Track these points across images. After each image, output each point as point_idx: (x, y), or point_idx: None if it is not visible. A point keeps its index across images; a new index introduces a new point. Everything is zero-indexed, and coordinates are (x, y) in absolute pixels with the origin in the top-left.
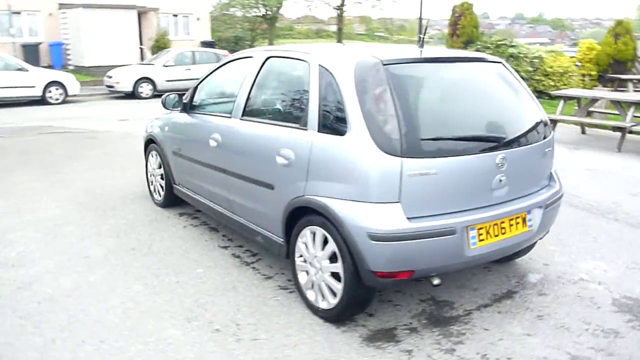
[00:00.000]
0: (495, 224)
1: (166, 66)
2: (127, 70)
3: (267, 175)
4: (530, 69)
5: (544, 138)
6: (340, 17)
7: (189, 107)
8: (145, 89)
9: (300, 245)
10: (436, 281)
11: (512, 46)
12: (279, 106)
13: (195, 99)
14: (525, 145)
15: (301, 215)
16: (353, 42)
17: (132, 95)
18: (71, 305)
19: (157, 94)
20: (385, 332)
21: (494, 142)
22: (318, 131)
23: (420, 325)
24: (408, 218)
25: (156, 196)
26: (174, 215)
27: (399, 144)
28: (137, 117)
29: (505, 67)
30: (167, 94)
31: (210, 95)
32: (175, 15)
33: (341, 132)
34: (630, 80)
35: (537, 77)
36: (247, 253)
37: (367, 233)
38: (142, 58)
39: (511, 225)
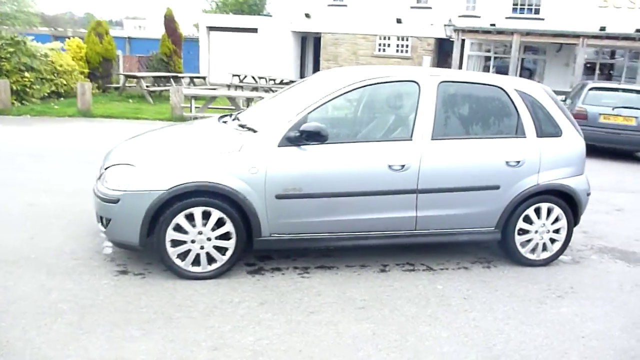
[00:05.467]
0: None
1: None
2: None
3: (494, 178)
4: (47, 67)
5: None
6: None
7: (303, 140)
8: None
9: (521, 223)
10: None
11: (21, 42)
12: (481, 124)
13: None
14: None
15: (523, 201)
16: None
17: None
18: None
19: None
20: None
21: None
22: (537, 137)
23: None
24: None
25: (200, 268)
26: (258, 281)
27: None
28: None
29: None
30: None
31: (344, 124)
32: None
33: (557, 135)
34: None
35: (49, 77)
36: (424, 267)
37: (586, 192)
38: None
39: None
